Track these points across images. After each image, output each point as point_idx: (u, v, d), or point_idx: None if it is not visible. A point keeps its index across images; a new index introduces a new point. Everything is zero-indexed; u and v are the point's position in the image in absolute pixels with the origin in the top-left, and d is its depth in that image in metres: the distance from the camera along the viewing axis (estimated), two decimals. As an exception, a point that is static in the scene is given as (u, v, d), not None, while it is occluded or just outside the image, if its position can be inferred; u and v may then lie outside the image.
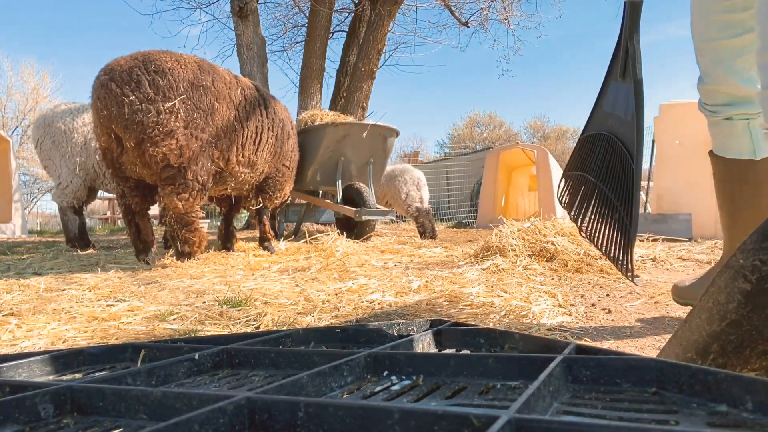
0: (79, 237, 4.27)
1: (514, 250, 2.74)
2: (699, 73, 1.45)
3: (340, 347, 0.93)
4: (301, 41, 9.21)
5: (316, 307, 1.74)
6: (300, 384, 0.54)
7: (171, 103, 2.67)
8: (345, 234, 4.20)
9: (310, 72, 7.28)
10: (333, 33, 8.69)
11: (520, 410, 0.40)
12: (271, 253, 3.58)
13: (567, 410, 0.47)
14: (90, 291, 2.07)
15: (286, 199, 4.14)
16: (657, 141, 5.61)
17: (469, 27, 8.98)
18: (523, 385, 0.57)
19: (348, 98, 7.17)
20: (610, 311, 1.65)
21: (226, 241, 3.83)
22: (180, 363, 0.70)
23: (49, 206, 21.04)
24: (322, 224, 6.01)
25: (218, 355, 0.76)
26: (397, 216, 8.77)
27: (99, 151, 3.08)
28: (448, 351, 0.85)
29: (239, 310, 1.67)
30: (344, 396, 0.58)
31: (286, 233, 5.17)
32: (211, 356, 0.75)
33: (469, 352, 0.83)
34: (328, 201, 4.59)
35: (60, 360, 0.80)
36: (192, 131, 2.76)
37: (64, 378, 0.78)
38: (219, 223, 4.11)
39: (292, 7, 9.46)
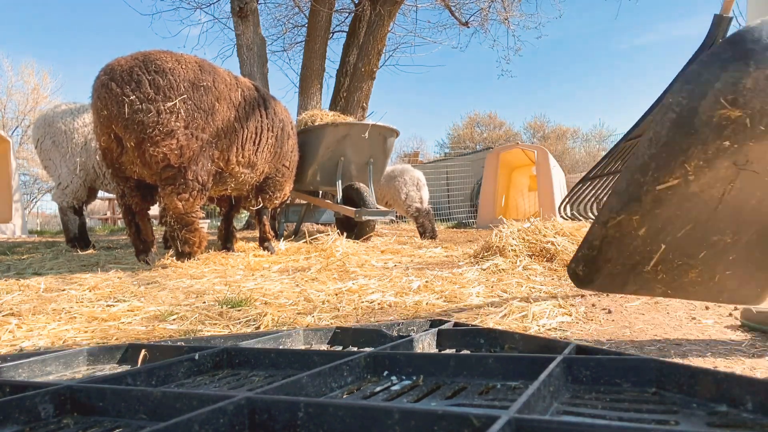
0: (79, 237, 4.27)
1: (514, 250, 2.74)
2: None
3: (340, 347, 0.93)
4: (301, 41, 9.22)
5: (316, 307, 1.74)
6: (300, 384, 0.54)
7: (171, 103, 2.67)
8: (345, 234, 4.19)
9: (310, 72, 7.28)
10: (333, 33, 8.69)
11: (521, 410, 0.40)
12: (271, 253, 3.58)
13: (567, 410, 0.47)
14: (90, 291, 2.07)
15: (286, 199, 4.14)
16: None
17: (469, 27, 8.98)
18: (523, 385, 0.57)
19: (348, 98, 7.17)
20: (610, 311, 1.65)
21: (226, 241, 3.83)
22: (180, 363, 0.70)
23: (49, 206, 21.04)
24: (322, 224, 6.01)
25: (218, 356, 0.76)
26: (397, 216, 8.77)
27: (99, 151, 3.08)
28: (448, 351, 0.85)
29: (239, 310, 1.67)
30: (344, 396, 0.58)
31: (286, 233, 5.17)
32: (211, 356, 0.75)
33: (469, 352, 0.84)
34: (328, 201, 4.59)
35: (60, 360, 0.80)
36: (192, 131, 2.76)
37: (64, 378, 0.78)
38: (219, 223, 4.10)
39: (292, 7, 9.46)
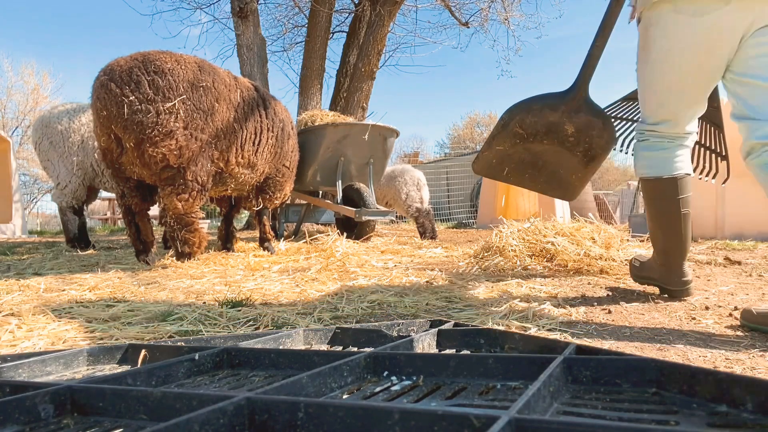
0: (79, 237, 4.27)
1: (514, 250, 2.74)
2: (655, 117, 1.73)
3: (340, 347, 0.93)
4: (301, 41, 9.21)
5: (316, 307, 1.74)
6: (300, 384, 0.54)
7: (171, 104, 2.67)
8: (345, 234, 4.19)
9: (310, 72, 7.28)
10: (333, 33, 8.69)
11: (521, 410, 0.40)
12: (271, 253, 3.58)
13: (567, 410, 0.47)
14: (90, 291, 2.07)
15: (286, 199, 4.14)
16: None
17: (469, 27, 8.97)
18: (523, 385, 0.57)
19: (348, 98, 7.17)
20: (610, 311, 1.65)
21: (226, 241, 3.83)
22: (180, 363, 0.70)
23: (49, 206, 21.05)
24: (322, 224, 6.01)
25: (218, 356, 0.76)
26: (397, 216, 8.77)
27: (99, 151, 3.08)
28: (448, 351, 0.85)
29: (239, 311, 1.67)
30: (344, 396, 0.58)
31: (286, 233, 5.17)
32: (211, 356, 0.75)
33: (469, 352, 0.84)
34: (328, 201, 4.59)
35: (60, 360, 0.80)
36: (192, 132, 2.76)
37: (64, 378, 0.78)
38: (219, 224, 4.10)
39: (292, 7, 9.46)
